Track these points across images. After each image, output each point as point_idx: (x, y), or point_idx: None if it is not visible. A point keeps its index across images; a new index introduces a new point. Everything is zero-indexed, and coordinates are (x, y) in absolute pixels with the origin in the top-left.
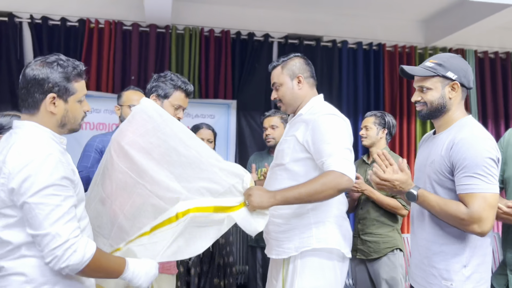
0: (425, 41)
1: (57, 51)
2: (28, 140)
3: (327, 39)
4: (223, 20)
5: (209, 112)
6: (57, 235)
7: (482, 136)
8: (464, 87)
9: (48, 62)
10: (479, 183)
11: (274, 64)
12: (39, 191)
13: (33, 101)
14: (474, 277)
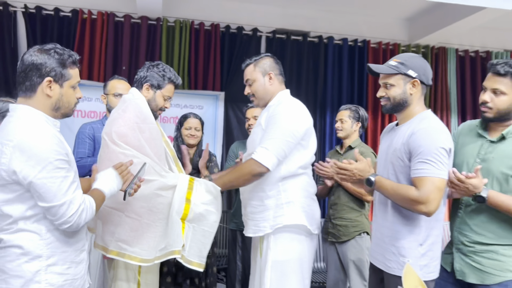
0: (408, 38)
1: (50, 40)
2: (25, 122)
3: (314, 34)
4: (213, 14)
5: (197, 103)
6: (71, 203)
7: (438, 128)
8: (423, 84)
9: (45, 49)
10: (430, 168)
11: (247, 63)
12: (44, 167)
13: (31, 85)
14: (428, 254)
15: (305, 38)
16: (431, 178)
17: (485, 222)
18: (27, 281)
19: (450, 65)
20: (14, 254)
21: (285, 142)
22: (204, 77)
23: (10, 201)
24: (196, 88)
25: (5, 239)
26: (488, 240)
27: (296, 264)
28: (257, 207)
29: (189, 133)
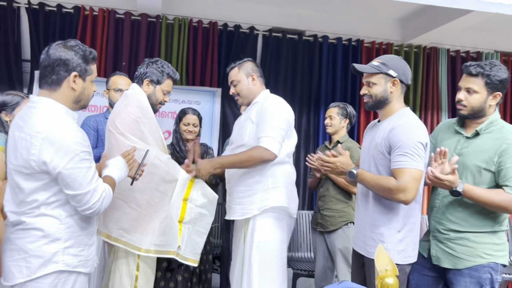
0: (401, 38)
1: (52, 36)
2: (50, 114)
3: (309, 33)
4: (211, 12)
5: (195, 98)
6: (95, 191)
7: (416, 124)
8: (403, 83)
9: (70, 45)
10: (408, 160)
11: (231, 66)
12: (72, 159)
13: (57, 78)
14: (405, 240)
15: (301, 37)
16: (409, 169)
17: (459, 211)
18: (45, 261)
19: (442, 65)
20: (35, 236)
21: (282, 131)
22: (201, 73)
23: (36, 188)
24: (194, 84)
25: (27, 221)
26: (462, 228)
27: (278, 245)
28: (245, 191)
29: (187, 128)
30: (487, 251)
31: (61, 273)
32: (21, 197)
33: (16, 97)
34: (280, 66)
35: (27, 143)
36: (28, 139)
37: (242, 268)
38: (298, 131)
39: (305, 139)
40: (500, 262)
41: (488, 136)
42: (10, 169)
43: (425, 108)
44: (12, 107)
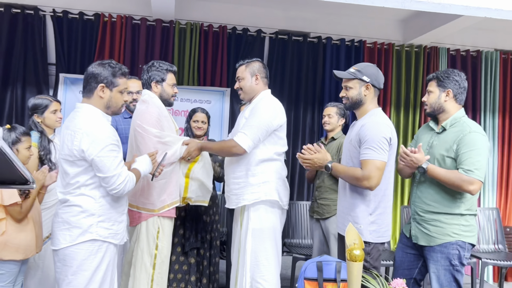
0: (402, 38)
1: (75, 41)
2: (89, 116)
3: (314, 35)
4: (221, 16)
5: (206, 98)
6: (120, 175)
7: (382, 122)
8: (375, 87)
9: (102, 63)
10: (372, 153)
11: (240, 63)
12: (103, 148)
13: (90, 88)
14: (377, 222)
15: (305, 38)
16: (373, 161)
17: (432, 194)
18: (83, 231)
19: (442, 64)
20: (76, 211)
21: (261, 130)
22: (212, 74)
23: (78, 173)
24: (205, 84)
25: (70, 199)
26: (435, 209)
27: (270, 232)
28: (239, 183)
29: (196, 125)
30: (455, 231)
31: (95, 242)
32: (67, 180)
33: (45, 100)
34: (286, 66)
35: (71, 137)
36: (72, 134)
37: (239, 252)
38: (303, 128)
39: (310, 136)
40: (468, 241)
41: (452, 130)
42: (60, 158)
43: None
44: (42, 110)
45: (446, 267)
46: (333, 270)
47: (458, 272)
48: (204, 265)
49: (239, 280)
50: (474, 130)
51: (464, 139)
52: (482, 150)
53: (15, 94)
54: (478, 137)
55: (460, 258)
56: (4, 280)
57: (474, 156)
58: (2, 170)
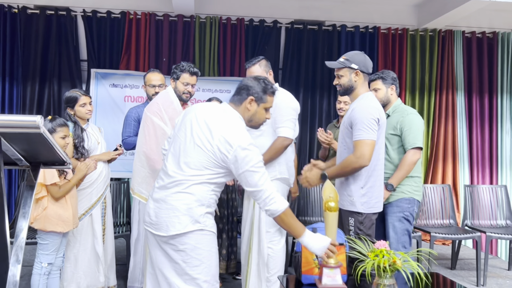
0: (417, 23)
1: (104, 38)
2: (237, 124)
3: (329, 23)
4: (238, 9)
5: (226, 87)
6: (266, 190)
7: (370, 104)
8: (364, 73)
9: (257, 78)
10: (363, 133)
11: (253, 62)
12: (256, 164)
13: (240, 98)
14: (367, 194)
15: (320, 27)
16: (364, 140)
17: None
18: (193, 220)
19: (457, 46)
20: (191, 199)
21: (294, 120)
22: (231, 65)
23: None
24: (225, 74)
25: (190, 186)
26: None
27: None
28: None
29: None
30: (407, 189)
31: (202, 231)
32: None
33: (75, 94)
34: (302, 55)
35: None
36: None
37: (252, 226)
38: (319, 113)
39: (326, 120)
40: (416, 198)
41: (395, 115)
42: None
43: (440, 89)
44: (73, 104)
45: (400, 219)
46: None
47: (409, 222)
48: (223, 238)
49: (253, 249)
50: (411, 112)
51: (403, 121)
52: (418, 126)
53: (52, 89)
54: (414, 117)
55: (410, 211)
56: (49, 249)
57: (414, 131)
58: (44, 153)
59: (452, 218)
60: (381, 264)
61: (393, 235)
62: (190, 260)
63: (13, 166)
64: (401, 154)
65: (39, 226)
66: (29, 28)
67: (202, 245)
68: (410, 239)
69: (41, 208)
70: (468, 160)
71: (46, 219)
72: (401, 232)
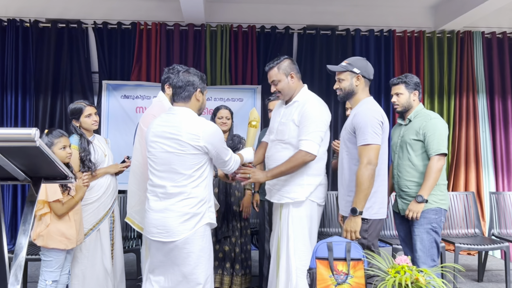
0: (434, 25)
1: (115, 50)
2: (194, 117)
3: (342, 28)
4: (249, 16)
5: (238, 96)
6: (230, 158)
7: (372, 109)
8: (365, 78)
9: (191, 72)
10: (367, 138)
11: (270, 66)
12: (218, 141)
13: (188, 94)
14: (371, 200)
15: (334, 32)
16: (369, 146)
17: (410, 171)
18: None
19: (477, 48)
20: (195, 202)
21: (321, 132)
22: (243, 73)
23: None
24: (237, 83)
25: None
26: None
27: (308, 219)
28: (283, 180)
29: (221, 121)
30: (433, 199)
31: (207, 225)
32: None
33: (79, 105)
34: (315, 61)
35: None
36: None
37: (280, 240)
38: (334, 120)
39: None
40: (443, 207)
41: (417, 120)
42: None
43: (460, 92)
44: (78, 115)
45: (428, 230)
46: (343, 250)
47: (437, 234)
48: (236, 252)
49: (281, 267)
50: (434, 117)
51: (426, 126)
52: (442, 131)
53: (64, 101)
54: (438, 121)
55: (437, 222)
56: (53, 266)
57: (438, 137)
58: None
59: (478, 227)
60: (402, 282)
61: (421, 247)
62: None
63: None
64: (424, 160)
65: (42, 243)
66: (41, 41)
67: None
68: (438, 251)
69: (44, 225)
70: (493, 166)
71: (48, 236)
72: (429, 244)
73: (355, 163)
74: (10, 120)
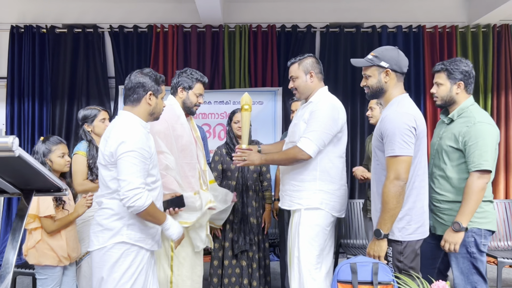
0: (468, 19)
1: (131, 54)
2: (125, 123)
3: (367, 25)
4: (269, 16)
5: (258, 99)
6: (131, 183)
7: (403, 111)
8: (397, 72)
9: (145, 72)
10: (395, 148)
11: (292, 61)
12: (126, 152)
13: (138, 97)
14: (405, 218)
15: (359, 29)
16: (396, 157)
17: (444, 184)
18: (114, 233)
19: None
20: (108, 214)
21: (325, 134)
22: (263, 74)
23: (111, 177)
24: (256, 85)
25: (104, 202)
26: (447, 198)
27: (320, 230)
28: (295, 185)
29: (237, 126)
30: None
31: (125, 244)
32: (103, 183)
33: (93, 110)
34: (339, 60)
35: (105, 141)
36: (106, 139)
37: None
38: (361, 122)
39: (368, 130)
40: (484, 227)
41: (459, 121)
42: (98, 162)
43: (498, 90)
44: (92, 119)
45: (463, 255)
46: (369, 272)
47: (477, 259)
48: (254, 268)
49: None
50: (480, 120)
51: (469, 131)
52: (488, 140)
53: (80, 107)
54: (484, 127)
55: (477, 246)
56: (48, 284)
57: (481, 148)
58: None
59: None
60: None
61: (458, 275)
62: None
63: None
64: (461, 173)
65: (34, 261)
66: (57, 47)
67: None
68: (483, 277)
69: (34, 240)
70: None
71: (40, 252)
72: (468, 271)
73: (385, 174)
74: (27, 127)
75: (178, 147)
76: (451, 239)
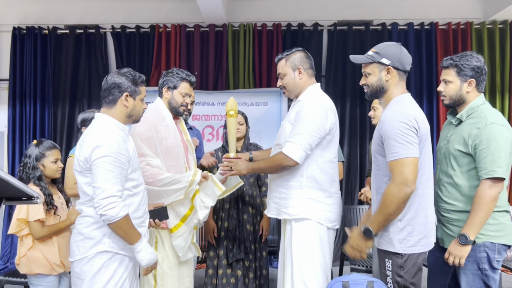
0: (483, 15)
1: (133, 54)
2: (100, 127)
3: (377, 22)
4: (274, 14)
5: (262, 100)
6: (105, 190)
7: (403, 111)
8: (399, 70)
9: (122, 72)
10: (398, 151)
11: (279, 57)
12: (101, 157)
13: (113, 98)
14: (406, 229)
15: (368, 27)
16: (400, 160)
17: (453, 192)
18: (96, 242)
19: None
20: (88, 222)
21: (311, 137)
22: (268, 75)
23: (87, 183)
24: (261, 86)
25: (84, 210)
26: (456, 208)
27: (317, 242)
28: (282, 193)
29: None
30: (481, 231)
31: (108, 253)
32: (81, 190)
33: (91, 113)
34: (347, 60)
35: (80, 146)
36: (81, 143)
37: (284, 263)
38: (370, 124)
39: None
40: (498, 241)
41: (469, 122)
42: (74, 169)
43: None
44: (90, 122)
45: (474, 272)
46: None
47: (489, 277)
48: (250, 278)
49: None
50: (492, 121)
51: (479, 134)
52: (501, 144)
53: (82, 109)
54: (496, 129)
55: (490, 262)
56: None
57: (494, 153)
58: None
59: None
60: None
61: None
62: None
63: None
64: (472, 181)
65: (25, 270)
66: (59, 48)
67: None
68: None
69: (25, 248)
70: None
71: (31, 260)
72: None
73: (386, 181)
74: (29, 129)
75: (163, 149)
76: (456, 252)
